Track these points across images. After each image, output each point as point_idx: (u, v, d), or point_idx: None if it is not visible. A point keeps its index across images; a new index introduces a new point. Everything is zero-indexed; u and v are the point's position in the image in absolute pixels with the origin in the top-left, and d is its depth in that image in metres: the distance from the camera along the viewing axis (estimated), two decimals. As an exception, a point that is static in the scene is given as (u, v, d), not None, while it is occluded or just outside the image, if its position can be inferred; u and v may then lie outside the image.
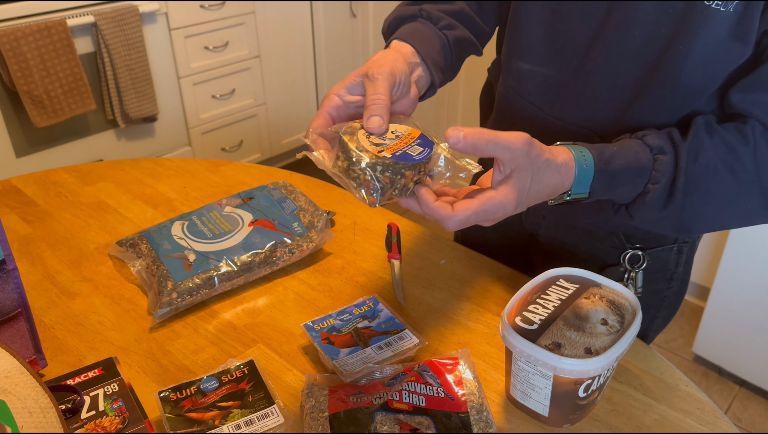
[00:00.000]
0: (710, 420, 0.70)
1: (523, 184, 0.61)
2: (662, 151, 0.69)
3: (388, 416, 0.65)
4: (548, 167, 0.63)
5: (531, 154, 0.60)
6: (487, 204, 0.59)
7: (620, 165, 0.68)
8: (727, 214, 0.71)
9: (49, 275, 0.94)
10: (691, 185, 0.69)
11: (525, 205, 0.63)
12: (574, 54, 0.76)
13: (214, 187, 1.17)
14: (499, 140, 0.58)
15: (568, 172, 0.66)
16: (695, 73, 0.69)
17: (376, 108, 0.63)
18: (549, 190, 0.64)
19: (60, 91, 2.16)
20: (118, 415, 0.68)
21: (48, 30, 2.07)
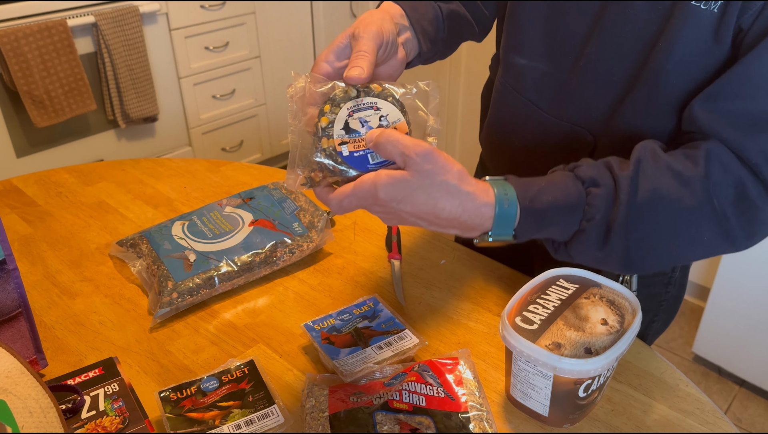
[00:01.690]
0: (710, 420, 0.70)
1: (407, 185, 0.58)
2: (595, 184, 0.64)
3: (389, 416, 0.65)
4: (443, 188, 0.59)
5: (425, 165, 0.58)
6: (360, 186, 0.59)
7: (547, 202, 0.63)
8: (681, 247, 0.65)
9: (49, 275, 0.94)
10: (633, 219, 0.63)
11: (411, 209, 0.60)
12: (570, 50, 0.77)
13: (215, 187, 1.17)
14: (398, 144, 0.58)
15: (477, 206, 0.61)
16: (676, 71, 0.69)
17: (359, 60, 0.63)
18: (446, 214, 0.60)
19: (60, 91, 2.16)
20: (119, 415, 0.68)
21: (48, 30, 2.07)
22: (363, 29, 0.66)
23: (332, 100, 0.62)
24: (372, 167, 0.60)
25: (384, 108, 0.63)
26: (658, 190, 0.63)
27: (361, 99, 0.62)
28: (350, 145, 0.60)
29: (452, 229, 0.63)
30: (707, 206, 0.63)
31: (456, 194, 0.60)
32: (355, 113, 0.61)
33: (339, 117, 0.61)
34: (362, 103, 0.62)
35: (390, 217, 0.62)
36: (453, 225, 0.62)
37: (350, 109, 0.61)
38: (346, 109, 0.61)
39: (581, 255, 0.67)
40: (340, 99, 0.62)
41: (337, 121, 0.61)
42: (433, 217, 0.60)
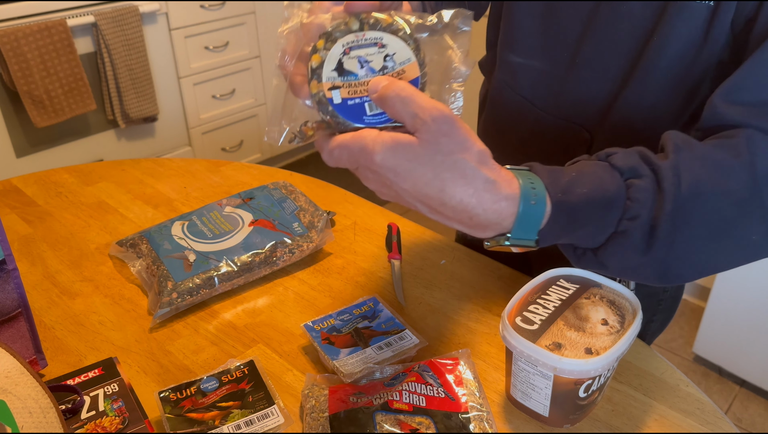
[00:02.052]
0: (710, 421, 0.70)
1: (405, 149, 0.48)
2: (635, 174, 0.55)
3: (389, 416, 0.65)
4: (457, 168, 0.48)
5: (441, 137, 0.48)
6: (356, 140, 0.49)
7: (582, 195, 0.53)
8: (726, 250, 0.57)
9: (49, 275, 0.94)
10: (680, 215, 0.53)
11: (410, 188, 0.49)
12: (565, 47, 0.77)
13: (215, 187, 1.17)
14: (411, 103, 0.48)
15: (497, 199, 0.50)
16: (669, 67, 0.69)
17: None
18: (454, 203, 0.49)
19: (60, 91, 2.16)
20: (118, 415, 0.68)
21: (48, 30, 2.07)
22: None
23: (327, 34, 0.50)
24: (369, 120, 0.51)
25: (391, 45, 0.51)
26: (700, 182, 0.54)
27: (363, 33, 0.50)
28: (343, 90, 0.50)
29: (458, 224, 0.51)
30: (755, 200, 0.54)
31: (472, 179, 0.49)
32: (353, 50, 0.50)
33: (331, 54, 0.50)
34: (364, 38, 0.50)
35: (383, 190, 0.52)
36: (461, 218, 0.50)
37: (347, 45, 0.50)
38: (341, 45, 0.50)
39: (616, 262, 0.57)
40: (337, 32, 0.50)
41: (328, 59, 0.50)
42: (437, 202, 0.49)
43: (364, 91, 0.50)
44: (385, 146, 0.48)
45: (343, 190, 1.16)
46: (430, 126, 0.47)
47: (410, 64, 0.51)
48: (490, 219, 0.50)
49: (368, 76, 0.50)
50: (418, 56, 0.51)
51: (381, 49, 0.51)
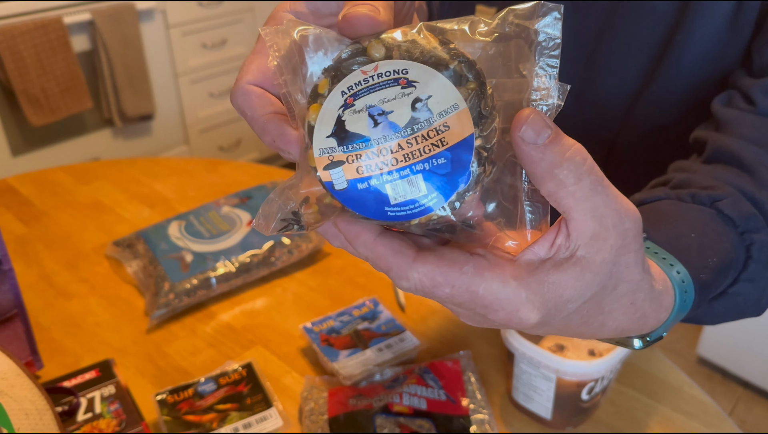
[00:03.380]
0: (714, 423, 0.70)
1: (574, 293, 0.31)
2: (754, 227, 0.47)
3: (389, 419, 0.64)
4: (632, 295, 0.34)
5: (623, 256, 0.32)
6: (486, 282, 0.31)
7: (713, 268, 0.43)
8: None
9: (45, 276, 0.93)
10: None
11: (550, 331, 0.35)
12: (583, 47, 0.76)
13: (212, 186, 1.16)
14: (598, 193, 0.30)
15: (659, 313, 0.38)
16: (694, 64, 0.68)
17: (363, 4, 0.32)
18: (610, 333, 0.36)
19: (56, 89, 2.15)
20: (115, 417, 0.68)
21: (44, 28, 2.05)
22: None
23: (335, 69, 0.31)
24: (395, 213, 0.31)
25: (423, 80, 0.30)
26: None
27: (374, 66, 0.31)
28: (349, 168, 0.31)
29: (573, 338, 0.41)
30: None
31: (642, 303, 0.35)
32: (360, 97, 0.31)
33: (325, 110, 0.31)
34: (376, 72, 0.31)
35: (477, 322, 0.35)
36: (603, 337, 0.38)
37: (350, 90, 0.31)
38: (340, 94, 0.31)
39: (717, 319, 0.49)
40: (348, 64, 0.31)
41: (320, 118, 0.31)
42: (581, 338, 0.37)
43: (384, 164, 0.30)
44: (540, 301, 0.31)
45: (341, 190, 1.15)
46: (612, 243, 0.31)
47: (457, 114, 0.30)
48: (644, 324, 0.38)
49: (388, 138, 0.30)
50: (478, 99, 0.30)
51: (406, 90, 0.30)
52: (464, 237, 0.33)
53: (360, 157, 0.30)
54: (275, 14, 0.36)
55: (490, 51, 0.31)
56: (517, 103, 0.31)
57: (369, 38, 0.31)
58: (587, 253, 0.31)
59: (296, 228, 0.33)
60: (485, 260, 0.31)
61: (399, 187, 0.30)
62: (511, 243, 0.32)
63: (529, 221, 0.32)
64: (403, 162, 0.30)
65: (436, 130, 0.30)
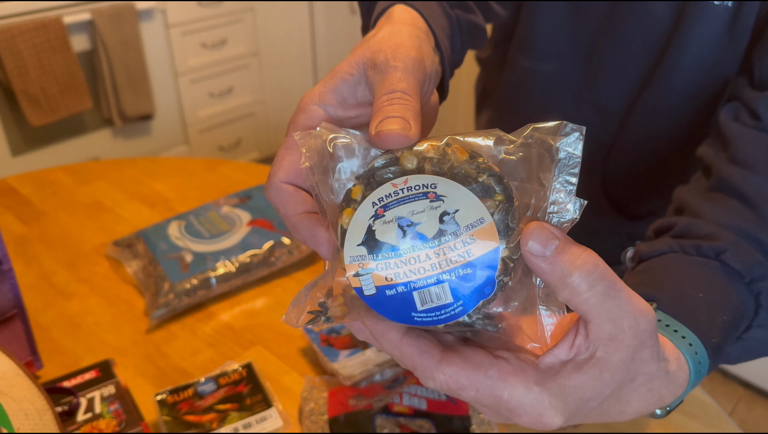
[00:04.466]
0: (714, 422, 0.69)
1: (594, 394, 0.33)
2: (759, 276, 0.47)
3: (389, 419, 0.64)
4: (649, 383, 0.36)
5: (639, 353, 0.33)
6: (510, 388, 0.32)
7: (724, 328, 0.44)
8: None
9: (45, 276, 0.93)
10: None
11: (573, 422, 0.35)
12: (581, 48, 0.76)
13: (212, 186, 1.16)
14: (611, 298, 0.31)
15: (675, 389, 0.38)
16: (692, 68, 0.68)
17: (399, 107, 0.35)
18: (629, 417, 0.37)
19: (56, 89, 2.15)
20: (115, 418, 0.68)
21: (44, 27, 2.05)
22: (392, 55, 0.38)
23: (367, 177, 0.34)
24: (422, 318, 0.33)
25: (450, 194, 0.32)
26: None
27: (404, 180, 0.33)
28: (378, 275, 0.33)
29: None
30: None
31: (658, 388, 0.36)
32: (390, 208, 0.32)
33: (356, 220, 0.33)
34: (406, 186, 0.33)
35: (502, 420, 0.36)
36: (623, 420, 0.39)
37: (380, 201, 0.33)
38: (371, 205, 0.33)
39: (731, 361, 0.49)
40: (380, 173, 0.33)
41: (351, 227, 0.33)
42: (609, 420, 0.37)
43: (412, 273, 0.32)
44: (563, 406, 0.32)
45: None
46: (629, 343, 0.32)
47: (483, 228, 0.32)
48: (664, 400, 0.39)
49: (416, 248, 0.32)
50: (505, 212, 0.32)
51: (434, 203, 0.32)
52: (487, 338, 0.35)
53: (389, 266, 0.32)
54: (304, 106, 0.39)
55: (514, 157, 0.33)
56: (536, 209, 0.32)
57: (401, 150, 0.34)
58: (606, 354, 0.32)
59: (323, 320, 0.35)
60: (509, 364, 0.32)
61: (426, 295, 0.32)
62: (533, 345, 0.34)
63: (546, 325, 0.33)
64: (430, 271, 0.32)
65: (463, 243, 0.32)
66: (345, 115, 0.39)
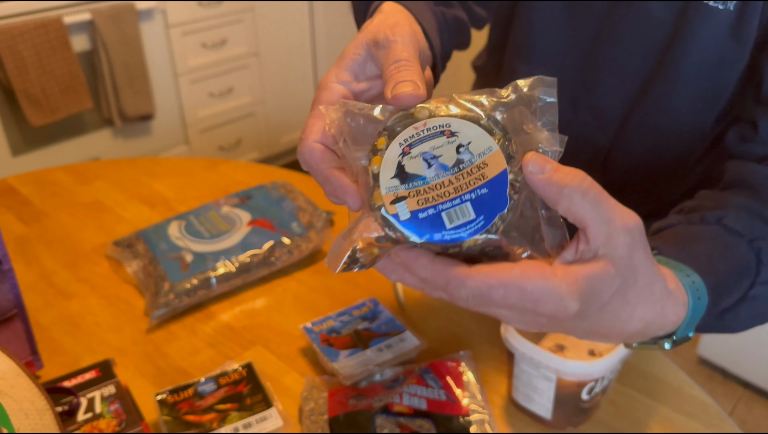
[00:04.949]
0: (715, 423, 0.70)
1: (603, 284, 0.38)
2: (760, 235, 0.51)
3: (389, 419, 0.64)
4: (650, 287, 0.40)
5: (635, 252, 0.38)
6: (532, 280, 0.37)
7: (725, 272, 0.48)
8: None
9: (45, 276, 0.93)
10: None
11: (589, 325, 0.40)
12: (580, 50, 0.75)
13: (212, 186, 1.16)
14: (602, 203, 0.37)
15: (677, 308, 0.43)
16: (696, 72, 0.68)
17: (406, 72, 0.42)
18: (637, 325, 0.41)
19: (56, 89, 2.15)
20: (115, 417, 0.68)
21: (44, 27, 2.05)
22: (391, 32, 0.46)
23: (389, 129, 0.40)
24: (451, 235, 0.38)
25: (463, 131, 0.40)
26: None
27: (423, 123, 0.40)
28: (411, 201, 0.38)
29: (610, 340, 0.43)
30: None
31: (659, 297, 0.41)
32: (415, 146, 0.39)
33: (387, 159, 0.39)
34: (425, 128, 0.40)
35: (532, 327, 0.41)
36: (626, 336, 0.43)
37: (406, 142, 0.39)
38: (398, 145, 0.39)
39: (743, 324, 0.52)
40: (398, 126, 0.40)
41: (384, 165, 0.39)
42: (614, 333, 0.42)
43: (439, 196, 0.38)
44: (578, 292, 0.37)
45: (341, 190, 1.15)
46: (623, 240, 0.37)
47: (492, 154, 0.39)
48: (666, 330, 0.44)
49: (440, 176, 0.38)
50: (505, 142, 0.40)
51: (450, 139, 0.39)
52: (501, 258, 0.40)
53: (419, 193, 0.38)
54: (324, 85, 0.46)
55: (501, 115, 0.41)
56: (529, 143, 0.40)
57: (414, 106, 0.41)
58: (606, 252, 0.37)
59: (357, 268, 0.41)
60: (528, 264, 0.38)
61: (453, 214, 0.38)
62: None
63: (550, 242, 0.39)
64: (453, 194, 0.38)
65: (478, 168, 0.39)
66: (359, 89, 0.47)
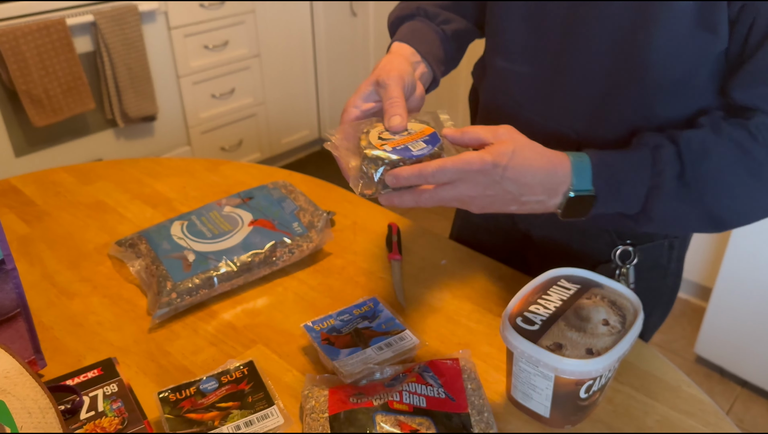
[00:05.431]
0: (712, 421, 0.70)
1: (505, 148, 0.63)
2: (661, 145, 0.67)
3: (389, 417, 0.64)
4: (532, 147, 0.65)
5: (513, 133, 0.65)
6: (469, 155, 0.61)
7: (616, 156, 0.68)
8: (759, 208, 0.69)
9: (47, 275, 0.93)
10: (703, 181, 0.66)
11: (511, 175, 0.63)
12: (549, 50, 0.77)
13: (214, 186, 1.17)
14: (483, 127, 0.65)
15: (562, 162, 0.66)
16: (662, 64, 0.69)
17: (395, 108, 0.68)
18: (540, 173, 0.64)
19: (59, 90, 2.15)
20: (118, 416, 0.68)
21: (47, 29, 2.06)
22: (386, 76, 0.70)
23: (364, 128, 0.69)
24: (417, 153, 0.64)
25: (413, 127, 0.69)
26: (724, 157, 0.66)
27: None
28: (390, 144, 0.65)
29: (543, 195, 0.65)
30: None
31: (542, 152, 0.65)
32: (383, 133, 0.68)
33: (372, 135, 0.67)
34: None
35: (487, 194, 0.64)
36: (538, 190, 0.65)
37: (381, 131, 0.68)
38: (377, 131, 0.68)
39: (662, 213, 0.68)
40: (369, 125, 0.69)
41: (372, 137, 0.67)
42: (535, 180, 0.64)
43: (403, 141, 0.66)
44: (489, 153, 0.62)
45: (343, 190, 1.16)
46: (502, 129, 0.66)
47: (428, 126, 0.69)
48: (558, 180, 0.66)
49: (402, 136, 0.66)
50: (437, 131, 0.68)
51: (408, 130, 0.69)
52: None
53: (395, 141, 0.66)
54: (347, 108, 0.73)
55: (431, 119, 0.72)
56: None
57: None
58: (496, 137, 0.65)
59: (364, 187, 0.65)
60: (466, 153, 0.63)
61: (414, 144, 0.65)
62: None
63: None
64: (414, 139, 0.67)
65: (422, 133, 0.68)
66: (366, 108, 0.73)
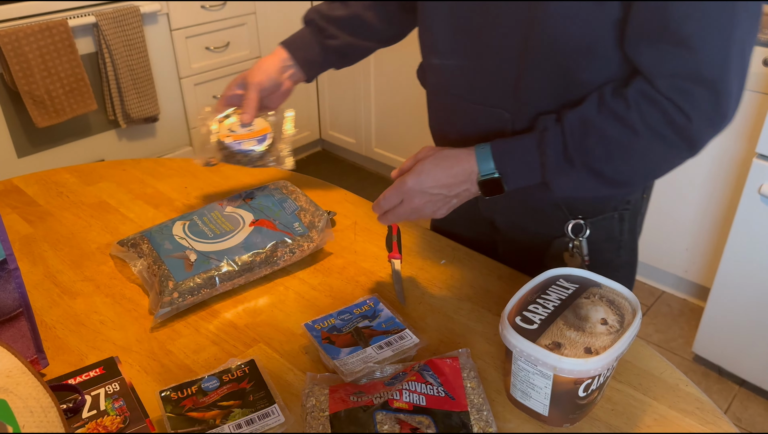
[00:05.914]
0: (710, 420, 0.70)
1: (417, 166, 0.81)
2: (546, 128, 0.78)
3: (389, 415, 0.65)
4: (436, 156, 0.81)
5: (425, 151, 0.83)
6: (398, 183, 0.81)
7: (512, 141, 0.80)
8: (648, 167, 0.77)
9: (50, 275, 0.94)
10: (586, 153, 0.75)
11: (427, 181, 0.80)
12: (469, 42, 0.83)
13: (215, 187, 1.17)
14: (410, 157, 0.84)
15: (467, 156, 0.80)
16: (563, 34, 0.74)
17: (246, 108, 1.00)
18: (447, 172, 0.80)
19: (61, 91, 2.16)
20: (119, 414, 0.69)
21: (49, 30, 2.07)
22: (251, 79, 1.01)
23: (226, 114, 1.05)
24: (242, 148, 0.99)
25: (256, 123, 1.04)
26: (605, 130, 0.74)
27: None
28: (232, 138, 0.98)
29: (463, 185, 0.80)
30: (652, 136, 0.73)
31: (456, 155, 0.81)
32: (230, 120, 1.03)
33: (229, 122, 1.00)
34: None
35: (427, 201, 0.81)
36: (455, 183, 0.80)
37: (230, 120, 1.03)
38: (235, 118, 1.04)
39: (560, 183, 0.79)
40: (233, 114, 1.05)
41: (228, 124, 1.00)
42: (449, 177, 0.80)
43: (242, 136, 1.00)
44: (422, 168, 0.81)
45: (343, 190, 1.16)
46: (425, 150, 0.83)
47: (264, 126, 1.03)
48: (471, 168, 0.80)
49: (247, 131, 1.01)
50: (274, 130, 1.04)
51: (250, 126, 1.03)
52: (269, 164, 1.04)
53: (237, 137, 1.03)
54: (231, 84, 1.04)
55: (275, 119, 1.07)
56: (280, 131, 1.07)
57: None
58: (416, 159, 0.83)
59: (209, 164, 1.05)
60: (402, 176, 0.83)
61: (248, 142, 1.02)
62: None
63: None
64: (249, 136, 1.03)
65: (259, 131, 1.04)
66: (238, 93, 1.02)
